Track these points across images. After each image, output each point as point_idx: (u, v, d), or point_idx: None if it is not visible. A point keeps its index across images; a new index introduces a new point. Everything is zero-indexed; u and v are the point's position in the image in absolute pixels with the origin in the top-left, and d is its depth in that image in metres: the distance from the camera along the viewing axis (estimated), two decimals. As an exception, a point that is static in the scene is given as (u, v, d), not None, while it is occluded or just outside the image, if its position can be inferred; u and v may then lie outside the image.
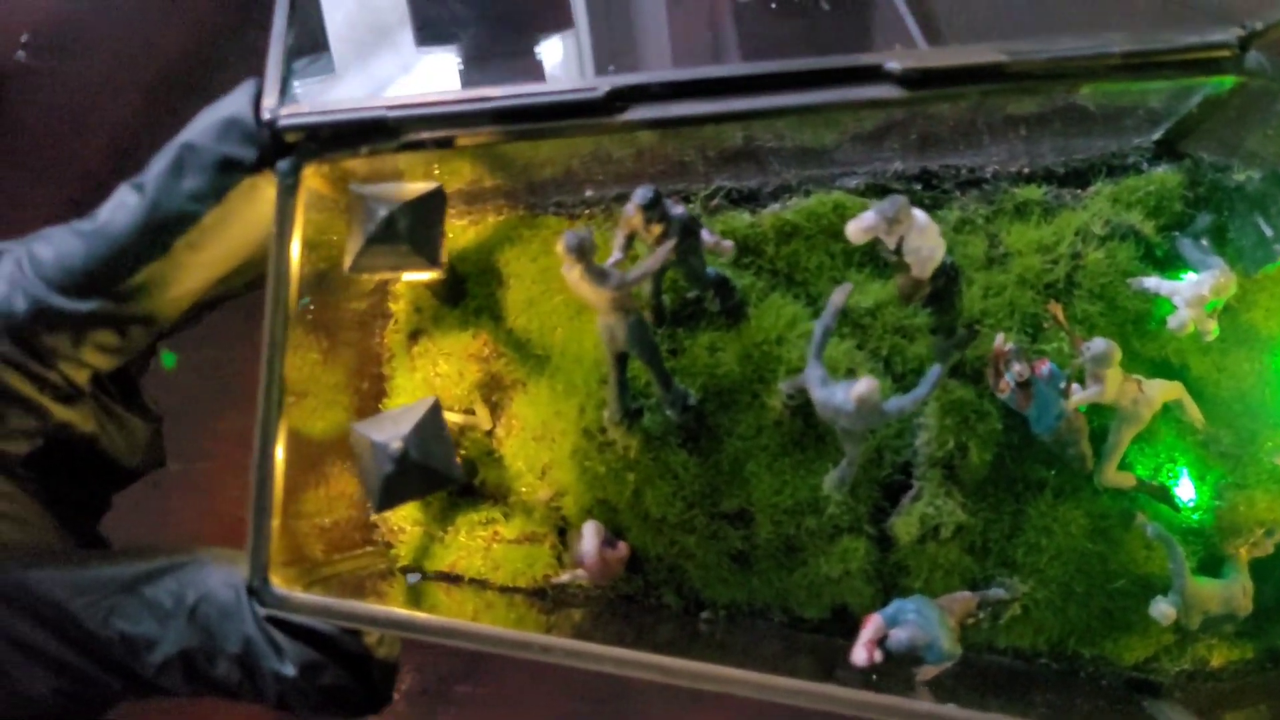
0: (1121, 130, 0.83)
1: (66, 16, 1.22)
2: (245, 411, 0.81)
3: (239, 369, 1.04)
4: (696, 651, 0.74)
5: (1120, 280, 0.80)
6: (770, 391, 0.80)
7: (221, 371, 1.10)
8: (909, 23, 0.97)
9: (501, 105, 0.69)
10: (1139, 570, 0.79)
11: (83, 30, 1.22)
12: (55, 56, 1.21)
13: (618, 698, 1.10)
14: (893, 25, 0.96)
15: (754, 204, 0.85)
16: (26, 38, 1.21)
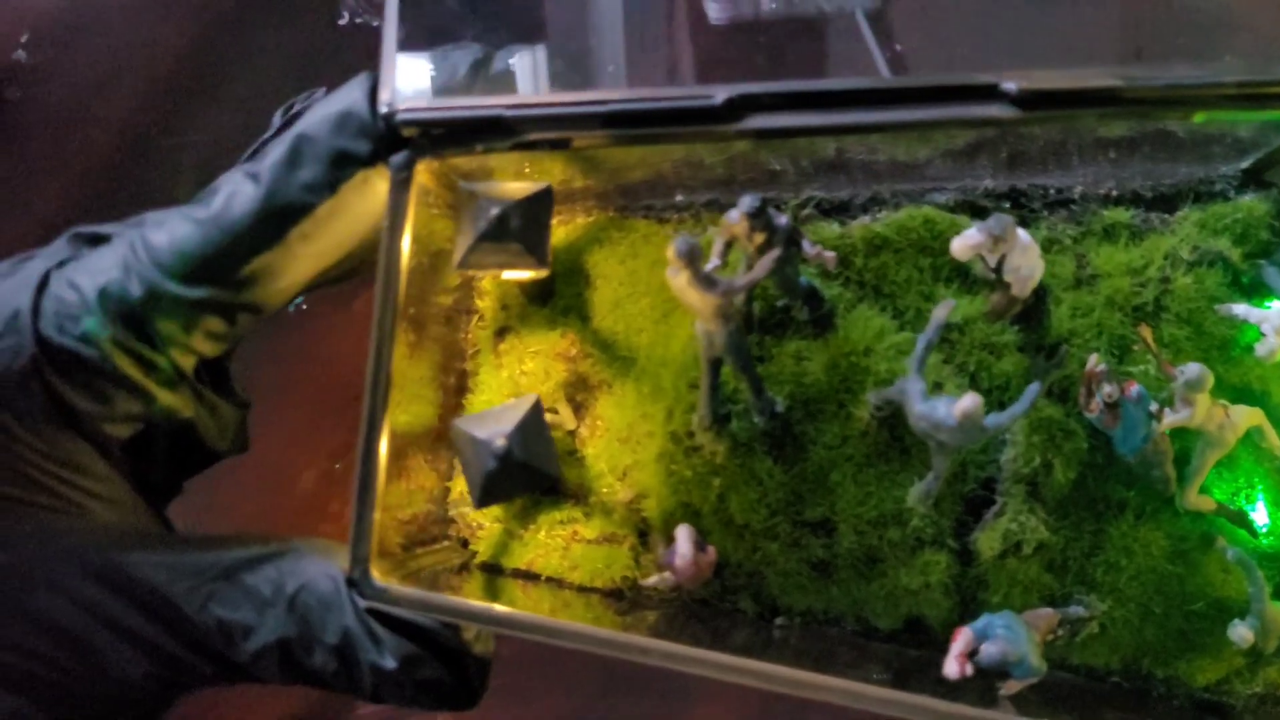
0: (1209, 157, 0.84)
1: (65, 15, 1.23)
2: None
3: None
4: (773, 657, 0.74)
5: (1207, 306, 0.80)
6: (857, 402, 0.81)
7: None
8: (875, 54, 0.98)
9: (619, 109, 0.69)
10: (1215, 593, 0.79)
11: (81, 29, 1.23)
12: (54, 55, 1.23)
13: (615, 693, 1.11)
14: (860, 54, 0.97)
15: (844, 215, 0.86)
16: (26, 37, 1.22)
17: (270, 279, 0.71)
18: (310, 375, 1.18)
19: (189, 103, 1.22)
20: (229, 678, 0.72)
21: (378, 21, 1.17)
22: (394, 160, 0.70)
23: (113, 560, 0.69)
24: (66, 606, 0.67)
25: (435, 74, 0.74)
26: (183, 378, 0.73)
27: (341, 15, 1.22)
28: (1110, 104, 0.70)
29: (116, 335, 0.68)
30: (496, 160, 0.79)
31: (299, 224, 0.69)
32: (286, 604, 0.69)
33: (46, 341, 0.67)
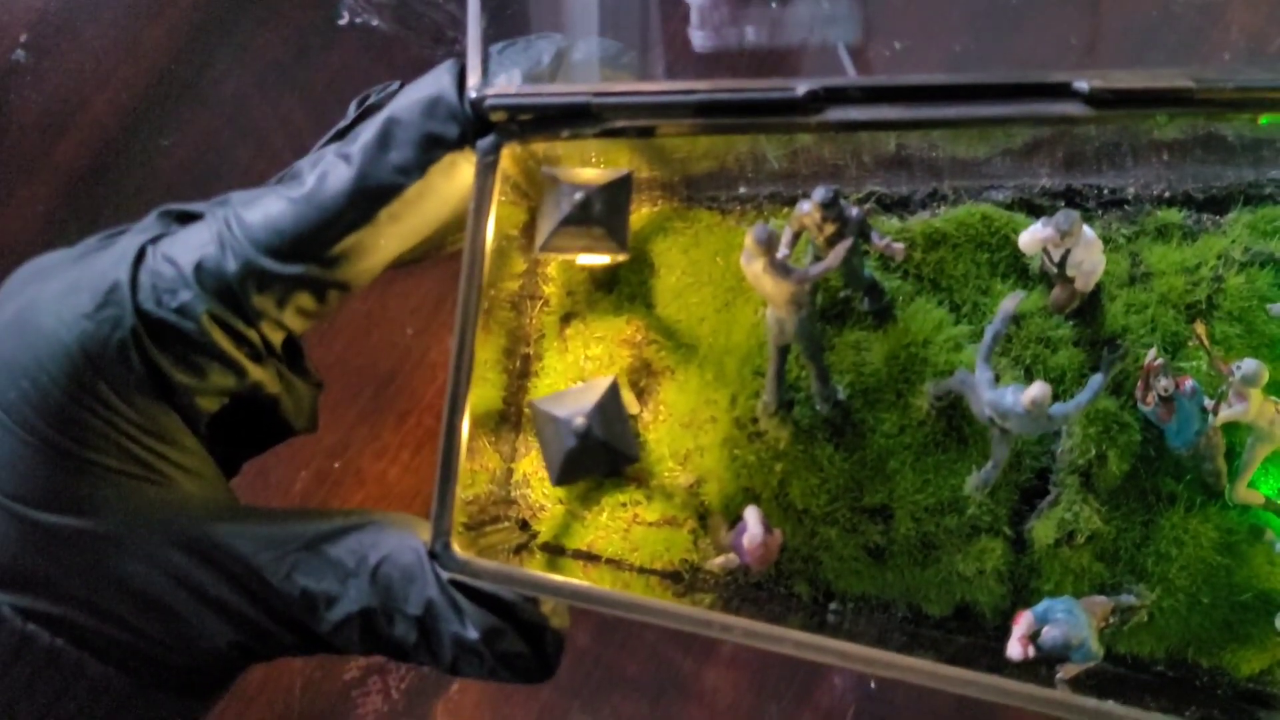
0: (1259, 161, 0.86)
1: (59, 15, 1.23)
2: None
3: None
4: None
5: (1259, 305, 0.82)
6: (915, 392, 0.83)
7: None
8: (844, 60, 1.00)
9: (704, 99, 0.71)
10: (1262, 585, 0.81)
11: (75, 28, 1.23)
12: (49, 55, 1.23)
13: (597, 688, 1.11)
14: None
15: (904, 210, 0.88)
16: (25, 37, 1.22)
17: (359, 257, 0.72)
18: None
19: (178, 103, 1.23)
20: (309, 648, 0.73)
21: (378, 21, 1.21)
22: (481, 144, 0.72)
23: (200, 531, 0.70)
24: (155, 575, 0.69)
25: (520, 61, 0.75)
26: (272, 353, 0.74)
27: (341, 15, 1.22)
28: (1181, 104, 0.72)
29: (212, 309, 0.69)
30: (565, 150, 0.81)
31: (389, 204, 0.71)
32: (369, 575, 0.70)
33: (145, 314, 0.68)
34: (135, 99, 1.23)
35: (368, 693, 1.11)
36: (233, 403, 0.76)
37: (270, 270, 0.69)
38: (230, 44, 1.24)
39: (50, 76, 1.24)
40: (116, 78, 1.23)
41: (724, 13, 0.95)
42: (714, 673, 1.11)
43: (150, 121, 1.23)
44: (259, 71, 1.23)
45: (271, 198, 0.71)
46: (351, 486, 1.19)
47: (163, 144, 1.23)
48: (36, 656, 0.66)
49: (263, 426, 0.80)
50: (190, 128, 1.23)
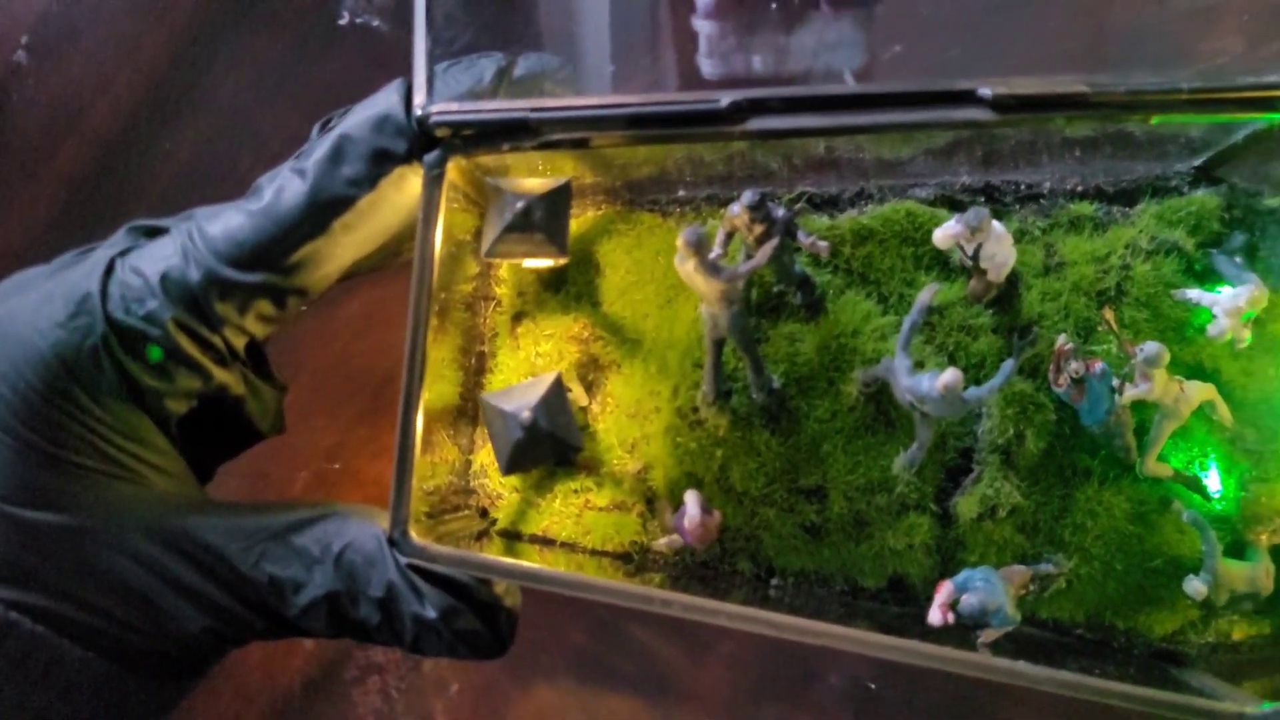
0: (1165, 155, 0.91)
1: (60, 18, 1.25)
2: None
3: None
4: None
5: (1164, 291, 0.88)
6: (846, 379, 0.88)
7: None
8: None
9: (635, 111, 0.76)
10: (1172, 551, 0.87)
11: (75, 32, 1.25)
12: (49, 58, 1.25)
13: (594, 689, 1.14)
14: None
15: (833, 209, 0.93)
16: (27, 39, 1.24)
17: (316, 265, 0.77)
18: (300, 382, 1.21)
19: (178, 107, 1.25)
20: (278, 632, 0.79)
21: (378, 21, 1.22)
22: (428, 159, 0.77)
23: (173, 524, 0.75)
24: (131, 566, 0.74)
25: (464, 79, 0.80)
26: (235, 357, 0.79)
27: (341, 15, 1.24)
28: (1077, 108, 0.77)
29: (177, 316, 0.74)
30: (514, 159, 0.86)
31: (342, 215, 0.76)
32: (334, 561, 0.75)
33: (115, 322, 0.73)
34: (136, 103, 1.25)
35: (367, 693, 1.13)
36: (203, 407, 0.81)
37: (231, 279, 0.74)
38: (230, 47, 1.25)
39: (51, 80, 1.25)
40: (117, 82, 1.25)
41: (731, 42, 0.99)
42: (711, 674, 1.14)
43: (150, 125, 1.24)
44: (259, 75, 1.25)
45: (232, 211, 0.76)
46: (349, 487, 1.22)
47: (163, 147, 1.24)
48: (20, 642, 0.71)
49: (232, 430, 0.85)
50: (190, 131, 1.24)
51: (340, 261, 0.79)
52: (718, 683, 1.13)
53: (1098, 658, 0.89)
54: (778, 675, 1.13)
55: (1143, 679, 0.85)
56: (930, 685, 1.11)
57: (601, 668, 1.13)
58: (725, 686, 1.13)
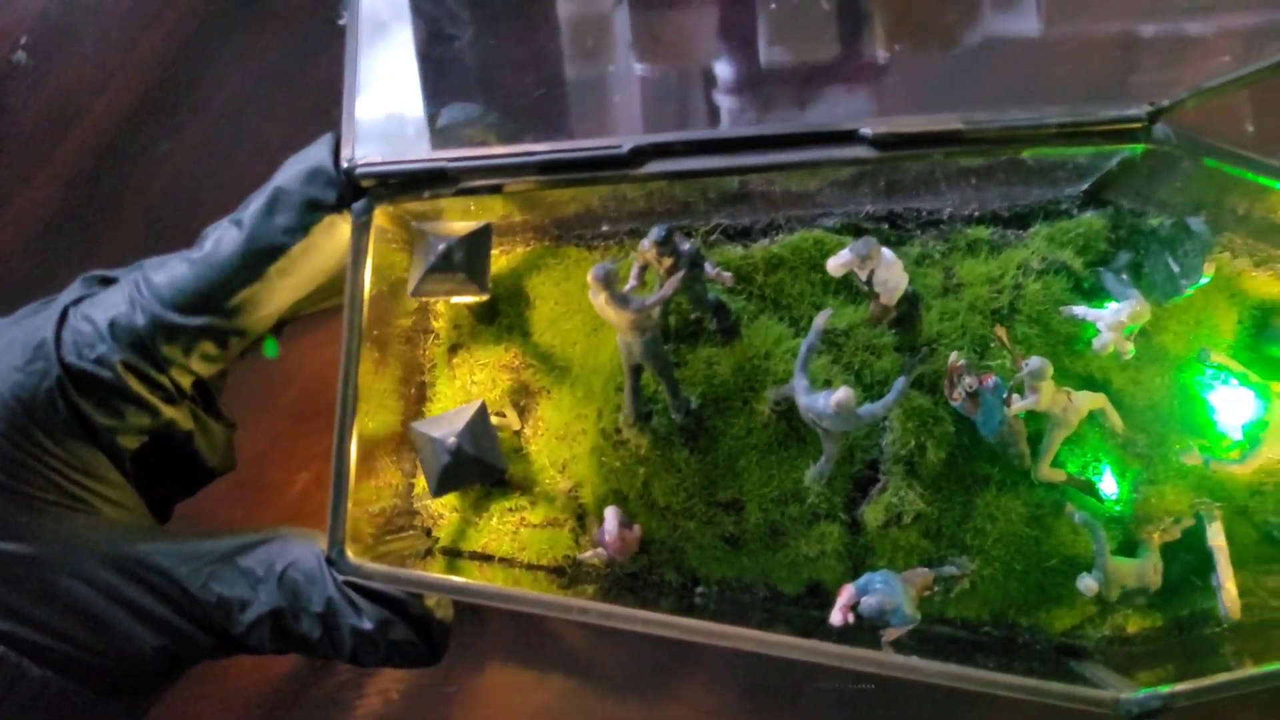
0: (1055, 181, 0.98)
1: (59, 18, 1.26)
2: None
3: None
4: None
5: (1054, 308, 0.94)
6: (759, 399, 0.94)
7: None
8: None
9: (543, 159, 0.83)
10: (1067, 551, 0.93)
11: (74, 33, 1.26)
12: (48, 58, 1.25)
13: (590, 692, 1.14)
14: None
15: (746, 239, 0.99)
16: (26, 39, 1.25)
17: (254, 307, 0.84)
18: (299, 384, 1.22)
19: (176, 107, 1.25)
20: (227, 650, 0.85)
21: None
22: (355, 207, 0.84)
23: (125, 550, 0.82)
24: (87, 591, 0.80)
25: (391, 132, 0.87)
26: (183, 395, 0.86)
27: (340, 15, 1.19)
28: (954, 143, 0.84)
29: (126, 359, 0.81)
30: (447, 201, 0.92)
31: (277, 261, 0.83)
32: (277, 579, 0.82)
33: (68, 365, 0.80)
34: (134, 103, 1.25)
35: (364, 695, 1.15)
36: (156, 446, 0.87)
37: (175, 323, 0.81)
38: (228, 47, 1.25)
39: (49, 80, 1.26)
40: (115, 82, 1.25)
41: (751, 116, 1.05)
42: (705, 675, 1.14)
43: (149, 125, 1.25)
44: (257, 75, 1.25)
45: (175, 261, 0.83)
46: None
47: (161, 148, 1.24)
48: None
49: (185, 468, 0.92)
50: (188, 131, 1.24)
51: (278, 304, 0.86)
52: (712, 684, 1.14)
53: (1005, 653, 0.95)
54: (769, 678, 1.14)
55: (1045, 671, 0.91)
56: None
57: (597, 670, 1.14)
58: (721, 688, 1.14)
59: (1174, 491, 0.94)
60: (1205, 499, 0.94)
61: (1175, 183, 0.92)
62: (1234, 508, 0.95)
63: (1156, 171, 0.91)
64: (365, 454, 0.91)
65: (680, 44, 1.04)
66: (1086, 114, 0.83)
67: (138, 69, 1.25)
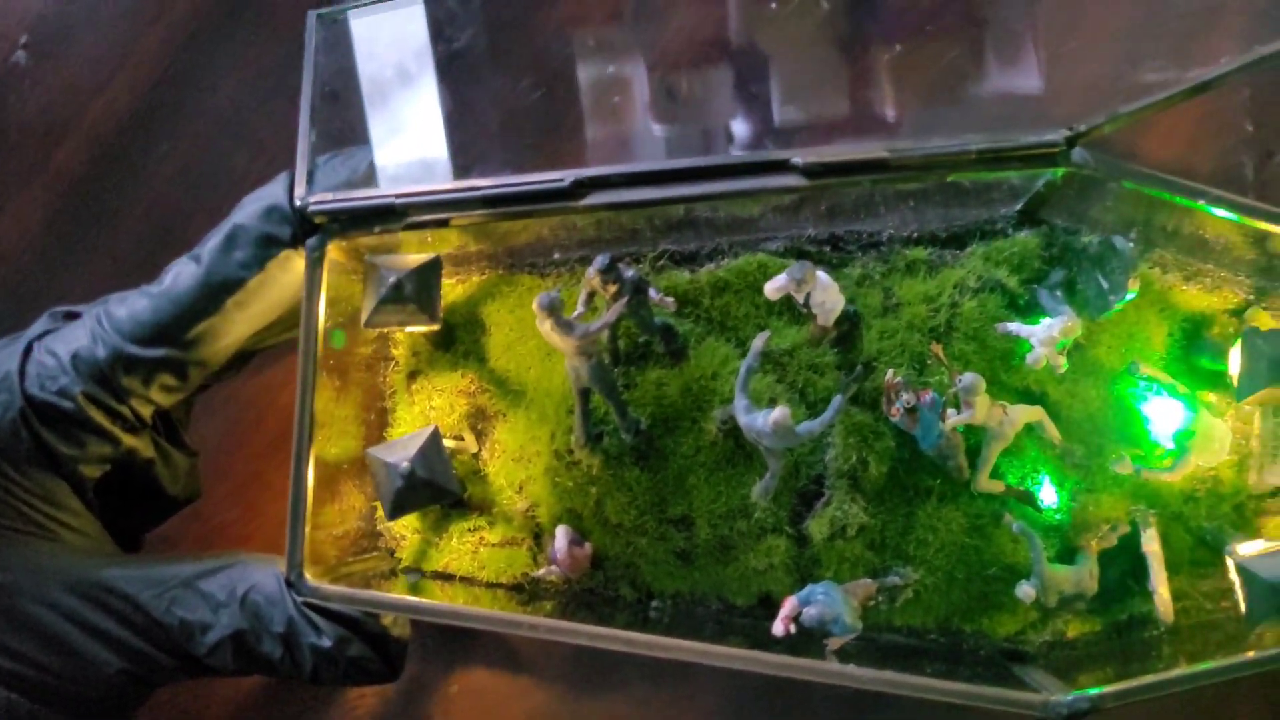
0: (991, 202, 1.01)
1: (57, 19, 1.28)
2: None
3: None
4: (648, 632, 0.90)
5: (989, 325, 0.97)
6: (707, 418, 0.98)
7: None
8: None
9: (487, 193, 0.87)
10: (1008, 560, 0.96)
11: (73, 34, 1.27)
12: (47, 58, 1.27)
13: (589, 691, 1.14)
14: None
15: (693, 264, 1.03)
16: (24, 39, 1.27)
17: (212, 339, 0.88)
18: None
19: (175, 108, 1.26)
20: (190, 671, 0.88)
21: None
22: (309, 242, 0.88)
23: (89, 576, 0.85)
24: (51, 616, 0.84)
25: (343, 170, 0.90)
26: (144, 424, 0.89)
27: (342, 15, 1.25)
28: (880, 171, 0.87)
29: (87, 390, 0.84)
30: (405, 234, 0.96)
31: (234, 295, 0.86)
32: (239, 603, 0.85)
33: (31, 397, 0.84)
34: (133, 104, 1.26)
35: (365, 695, 1.16)
36: (121, 476, 0.91)
37: (134, 355, 0.85)
38: (227, 49, 1.27)
39: (48, 81, 1.27)
40: (114, 83, 1.26)
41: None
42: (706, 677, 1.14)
43: (147, 126, 1.26)
44: (256, 76, 1.25)
45: (135, 295, 0.87)
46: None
47: (160, 148, 1.26)
48: None
49: (149, 497, 0.95)
50: (187, 132, 1.26)
51: (236, 336, 0.89)
52: (715, 685, 1.14)
53: (951, 659, 0.98)
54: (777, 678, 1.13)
55: (989, 675, 0.94)
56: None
57: (597, 671, 1.15)
58: (724, 689, 1.15)
59: (1110, 500, 0.97)
60: (1141, 506, 0.97)
61: (1106, 202, 0.95)
62: (1169, 514, 0.98)
63: (1086, 192, 0.95)
64: (329, 478, 0.95)
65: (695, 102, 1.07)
66: (1006, 140, 0.86)
67: (137, 70, 1.26)
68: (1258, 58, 0.85)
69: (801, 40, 1.02)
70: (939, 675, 0.88)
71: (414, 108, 0.94)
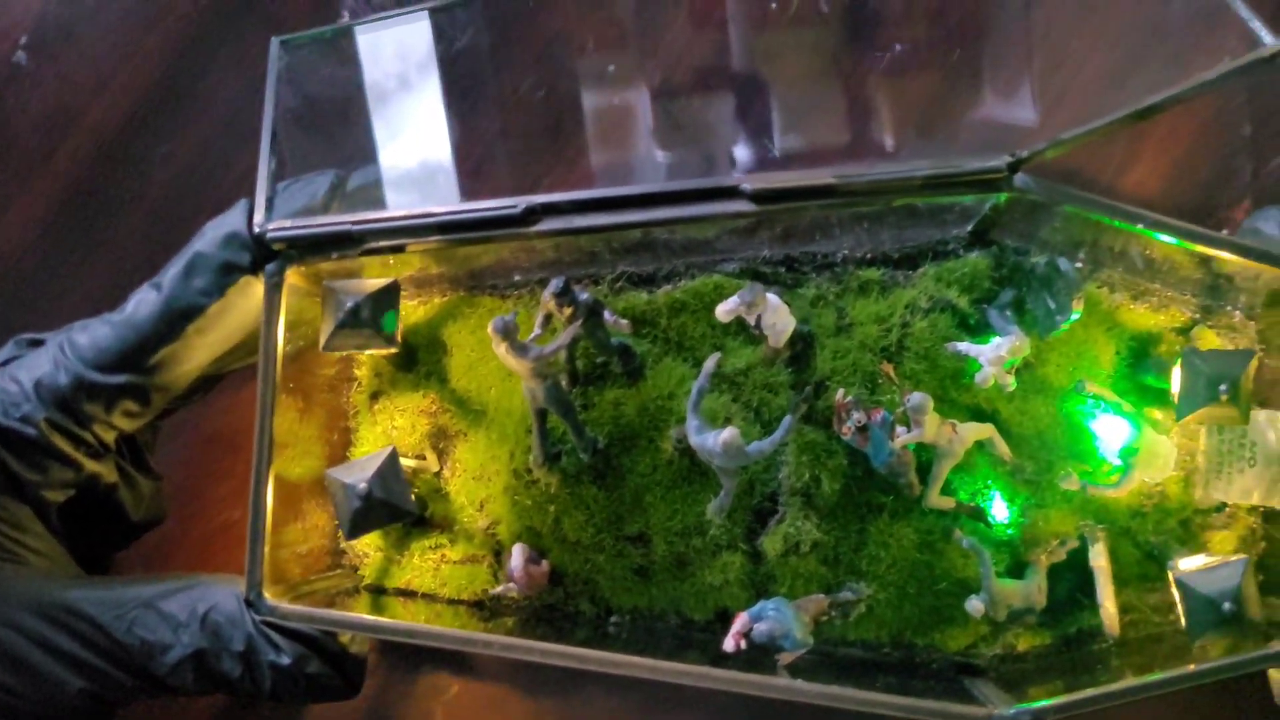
0: (943, 224, 1.03)
1: (58, 20, 1.27)
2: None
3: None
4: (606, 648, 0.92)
5: (940, 344, 0.99)
6: (663, 437, 0.99)
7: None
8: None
9: (441, 220, 0.89)
10: (959, 574, 0.98)
11: (74, 34, 1.27)
12: (48, 59, 1.27)
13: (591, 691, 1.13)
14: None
15: (651, 285, 1.05)
16: (25, 40, 1.27)
17: (173, 365, 0.90)
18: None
19: (176, 109, 1.26)
20: (151, 691, 0.90)
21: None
22: (267, 269, 0.89)
23: (51, 598, 0.87)
24: (13, 637, 0.86)
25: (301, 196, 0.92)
26: (107, 450, 0.91)
27: (341, 15, 1.25)
28: (827, 196, 0.89)
29: (50, 416, 0.86)
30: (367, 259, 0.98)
31: (194, 321, 0.88)
32: (199, 622, 0.87)
33: None
34: (133, 105, 1.26)
35: (363, 696, 1.11)
36: (84, 500, 0.93)
37: (96, 381, 0.87)
38: (228, 50, 1.26)
39: (49, 82, 1.27)
40: (115, 83, 1.26)
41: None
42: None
43: (148, 127, 1.25)
44: (257, 77, 1.18)
45: (97, 323, 0.89)
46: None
47: (161, 149, 1.25)
48: None
49: (115, 522, 0.97)
50: (188, 133, 1.25)
51: (197, 361, 0.91)
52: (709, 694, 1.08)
53: (905, 673, 1.00)
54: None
55: (941, 689, 0.96)
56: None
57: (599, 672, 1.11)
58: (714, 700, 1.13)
59: (1060, 515, 0.99)
60: (1089, 522, 0.99)
61: (1054, 224, 0.97)
62: (1117, 530, 1.00)
63: (1034, 214, 0.97)
64: (293, 497, 0.96)
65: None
66: (950, 166, 0.88)
67: (138, 70, 1.26)
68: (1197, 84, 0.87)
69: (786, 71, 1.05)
70: (893, 689, 0.90)
71: (376, 133, 0.97)
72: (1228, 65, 0.88)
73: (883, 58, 1.12)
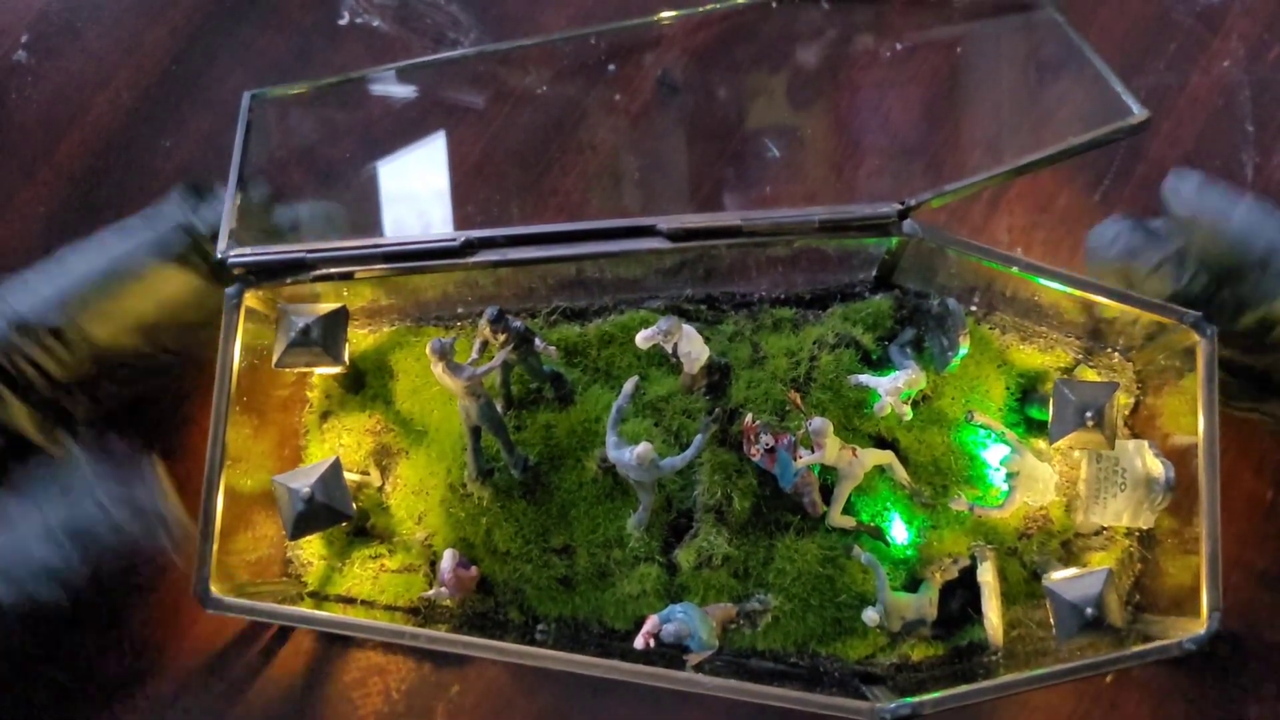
0: (851, 268, 1.13)
1: (60, 15, 1.29)
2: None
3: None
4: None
5: (844, 377, 1.08)
6: (590, 457, 1.08)
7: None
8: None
9: (387, 250, 0.98)
10: (859, 589, 1.06)
11: (76, 29, 1.29)
12: (50, 55, 1.28)
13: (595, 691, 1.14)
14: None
15: (583, 319, 1.14)
16: (27, 37, 1.29)
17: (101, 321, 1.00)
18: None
19: (179, 104, 1.27)
20: None
21: (378, 21, 1.29)
22: (228, 291, 0.98)
23: None
24: None
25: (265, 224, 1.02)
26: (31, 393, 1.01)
27: (342, 15, 1.29)
28: (735, 235, 0.99)
29: None
30: (324, 289, 1.07)
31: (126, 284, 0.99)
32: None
33: None
34: (136, 99, 1.27)
35: (368, 694, 1.16)
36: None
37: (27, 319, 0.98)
38: (231, 45, 1.27)
39: (51, 76, 1.27)
40: (118, 78, 1.27)
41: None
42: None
43: (151, 122, 1.26)
44: (260, 72, 1.26)
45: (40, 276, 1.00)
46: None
47: (163, 145, 1.26)
48: None
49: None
50: (191, 128, 1.26)
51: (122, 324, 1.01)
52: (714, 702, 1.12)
53: (811, 680, 1.07)
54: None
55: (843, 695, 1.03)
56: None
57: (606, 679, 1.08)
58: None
59: (954, 536, 1.08)
60: (980, 542, 1.08)
61: (950, 269, 1.08)
62: (1006, 550, 1.08)
63: (930, 260, 1.07)
64: (244, 508, 1.04)
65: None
66: (845, 211, 0.98)
67: (140, 66, 1.28)
68: (1067, 147, 0.98)
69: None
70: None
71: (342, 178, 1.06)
72: (1096, 132, 1.00)
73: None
